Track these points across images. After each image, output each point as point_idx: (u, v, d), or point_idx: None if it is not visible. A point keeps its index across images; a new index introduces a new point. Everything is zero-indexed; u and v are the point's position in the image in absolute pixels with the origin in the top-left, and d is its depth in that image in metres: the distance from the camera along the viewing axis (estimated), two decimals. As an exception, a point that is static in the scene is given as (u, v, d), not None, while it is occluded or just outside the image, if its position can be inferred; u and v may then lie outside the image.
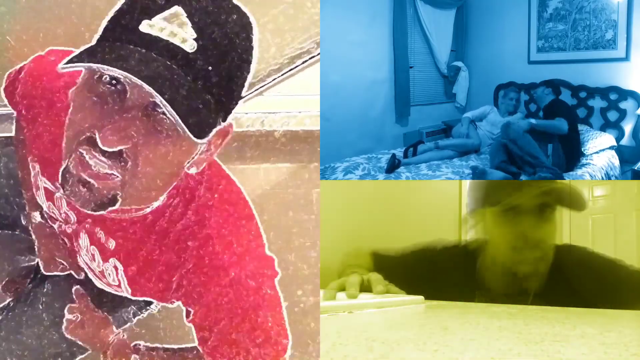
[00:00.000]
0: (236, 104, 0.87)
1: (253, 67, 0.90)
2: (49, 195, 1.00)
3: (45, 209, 1.04)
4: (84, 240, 1.01)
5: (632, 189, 3.12)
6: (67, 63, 0.80)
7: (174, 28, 0.79)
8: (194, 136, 0.80)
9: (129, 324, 1.20)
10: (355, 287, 1.17)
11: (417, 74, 3.35)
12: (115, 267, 1.00)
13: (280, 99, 1.60)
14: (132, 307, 1.16)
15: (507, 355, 0.61)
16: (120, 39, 0.80)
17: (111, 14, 0.83)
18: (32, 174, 1.01)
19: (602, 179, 2.51)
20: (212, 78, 0.81)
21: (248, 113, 1.67)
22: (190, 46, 0.80)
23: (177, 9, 0.80)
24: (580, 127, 2.76)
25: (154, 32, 0.79)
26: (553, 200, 1.21)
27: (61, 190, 0.87)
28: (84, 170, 0.83)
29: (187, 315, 0.99)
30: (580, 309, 1.04)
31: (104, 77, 0.80)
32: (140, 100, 0.80)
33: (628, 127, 2.85)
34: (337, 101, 2.77)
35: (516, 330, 0.81)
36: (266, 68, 1.61)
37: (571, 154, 2.44)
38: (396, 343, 0.68)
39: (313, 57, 1.49)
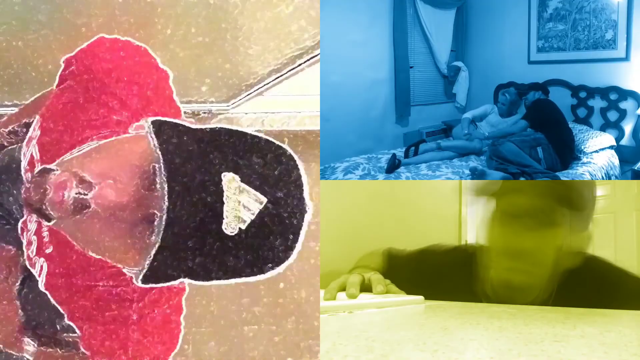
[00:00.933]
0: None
1: (226, 57, 0.87)
2: (32, 166, 0.98)
3: (22, 172, 1.02)
4: (32, 225, 0.99)
5: (632, 189, 3.12)
6: (156, 123, 0.76)
7: (251, 206, 0.74)
8: (142, 280, 0.75)
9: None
10: (355, 287, 1.17)
11: (417, 74, 3.35)
12: (42, 267, 0.98)
13: (280, 99, 1.61)
14: None
15: (507, 355, 0.61)
16: (209, 149, 0.75)
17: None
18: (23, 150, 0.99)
19: (602, 178, 2.51)
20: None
21: (248, 113, 1.67)
22: (232, 229, 0.73)
23: (264, 200, 0.74)
24: (580, 127, 2.76)
25: (225, 187, 0.73)
26: (551, 203, 1.11)
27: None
28: (53, 191, 0.79)
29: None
30: (580, 309, 1.04)
31: (153, 165, 0.76)
32: (151, 207, 0.75)
33: (628, 127, 2.85)
34: (337, 101, 2.77)
35: (516, 330, 0.81)
36: (266, 68, 1.61)
37: (563, 152, 2.44)
38: (396, 343, 0.68)
39: (313, 57, 1.49)
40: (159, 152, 0.74)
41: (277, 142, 0.78)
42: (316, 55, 1.46)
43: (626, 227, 3.07)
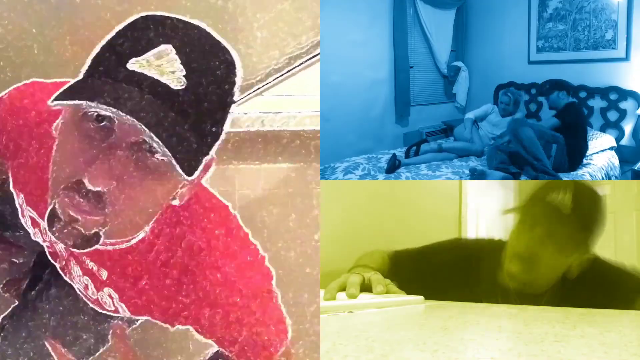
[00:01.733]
0: (218, 138, 0.86)
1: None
2: (35, 224, 1.00)
3: (32, 235, 1.03)
4: (75, 270, 1.01)
5: (632, 189, 3.12)
6: (55, 99, 0.79)
7: (163, 66, 0.79)
8: (185, 173, 0.80)
9: (131, 325, 1.20)
10: (355, 287, 1.17)
11: (417, 74, 3.35)
12: (110, 296, 1.00)
13: (280, 99, 1.60)
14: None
15: (507, 355, 0.61)
16: (107, 75, 0.79)
17: (97, 49, 0.82)
18: (17, 202, 1.00)
19: (602, 179, 2.51)
20: (197, 115, 0.81)
21: (248, 113, 1.67)
22: (179, 84, 0.79)
23: (165, 46, 0.80)
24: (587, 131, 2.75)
25: (142, 70, 0.78)
26: (572, 232, 1.25)
27: (49, 233, 0.86)
28: (70, 209, 0.81)
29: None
30: (580, 309, 1.04)
31: (90, 113, 0.79)
32: (127, 137, 0.79)
33: (628, 127, 2.85)
34: (337, 101, 2.77)
35: (516, 330, 0.81)
36: (266, 68, 1.61)
37: (574, 157, 2.43)
38: (396, 343, 0.68)
39: (313, 57, 1.49)
40: (91, 103, 0.77)
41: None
42: (316, 55, 1.46)
43: (626, 227, 3.07)
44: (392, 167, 2.44)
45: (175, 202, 0.89)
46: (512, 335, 0.75)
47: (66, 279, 1.07)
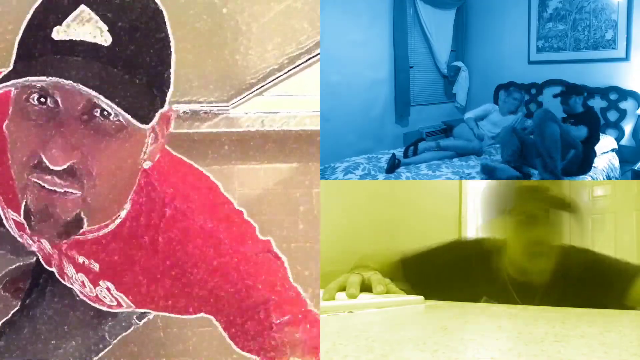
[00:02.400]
0: (168, 86, 0.85)
1: (226, 57, 0.88)
2: (20, 227, 0.98)
3: (18, 239, 1.02)
4: (69, 269, 0.99)
5: (632, 189, 3.11)
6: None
7: (85, 26, 0.78)
8: (140, 122, 0.78)
9: (133, 326, 1.19)
10: (355, 287, 1.17)
11: (417, 74, 3.35)
12: (108, 289, 0.98)
13: (280, 99, 1.60)
14: (136, 310, 1.15)
15: (507, 355, 0.61)
16: (37, 53, 0.78)
17: (20, 34, 0.81)
18: None
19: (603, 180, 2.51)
20: (135, 66, 0.79)
21: (248, 113, 1.67)
22: (104, 39, 0.78)
23: (82, 7, 0.78)
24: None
25: (67, 36, 0.77)
26: (551, 205, 1.35)
27: (28, 230, 0.84)
28: (42, 199, 0.79)
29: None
30: (580, 309, 1.04)
31: (32, 96, 0.78)
32: (74, 106, 0.77)
33: (628, 127, 2.85)
34: (337, 101, 2.77)
35: (516, 330, 0.81)
36: (266, 68, 1.61)
37: (583, 166, 2.40)
38: (396, 343, 0.68)
39: (313, 57, 1.49)
40: (27, 79, 0.75)
41: None
42: (316, 55, 1.46)
43: (626, 227, 3.07)
44: (392, 167, 2.44)
45: (148, 164, 0.87)
46: (512, 335, 0.75)
47: (65, 283, 1.05)
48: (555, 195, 1.38)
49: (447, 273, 1.37)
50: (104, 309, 1.05)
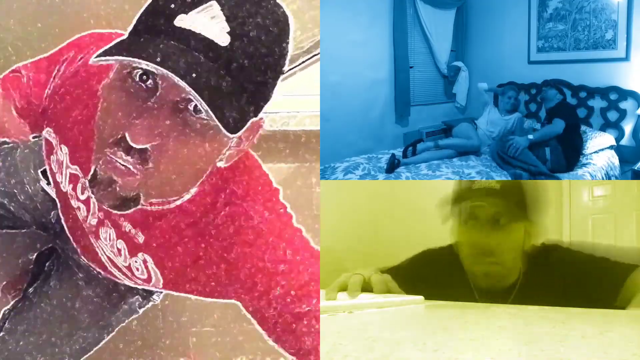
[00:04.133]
0: (269, 98, 0.85)
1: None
2: (74, 179, 0.99)
3: (66, 189, 1.02)
4: (108, 234, 1.00)
5: (632, 189, 3.12)
6: (98, 56, 0.78)
7: (209, 22, 0.78)
8: (228, 131, 0.79)
9: (134, 314, 1.20)
10: (356, 288, 1.18)
11: (417, 74, 3.35)
12: (145, 261, 0.99)
13: (280, 99, 1.60)
14: (138, 297, 1.16)
15: (507, 355, 0.61)
16: (154, 32, 0.79)
17: (145, 5, 0.82)
18: (55, 158, 1.00)
19: (602, 178, 2.51)
20: (245, 72, 0.80)
21: (248, 113, 1.67)
22: (223, 40, 0.78)
23: (212, 2, 0.79)
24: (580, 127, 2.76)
25: (188, 26, 0.78)
26: (506, 206, 1.28)
27: (90, 192, 0.87)
28: (112, 171, 0.82)
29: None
30: (580, 309, 1.04)
31: (135, 72, 0.79)
32: (172, 96, 0.79)
33: (628, 127, 2.84)
34: (337, 101, 2.77)
35: (516, 330, 0.81)
36: (266, 68, 1.61)
37: (571, 154, 2.45)
38: (396, 343, 0.68)
39: (313, 57, 1.49)
40: (135, 59, 0.77)
41: None
42: (316, 55, 1.46)
43: (626, 227, 3.07)
44: (392, 167, 2.44)
45: (221, 164, 0.88)
46: (512, 335, 0.75)
47: (82, 260, 1.05)
48: (510, 198, 1.30)
49: (420, 283, 1.35)
50: (127, 282, 1.06)
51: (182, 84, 0.76)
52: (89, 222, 1.01)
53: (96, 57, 0.78)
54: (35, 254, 1.18)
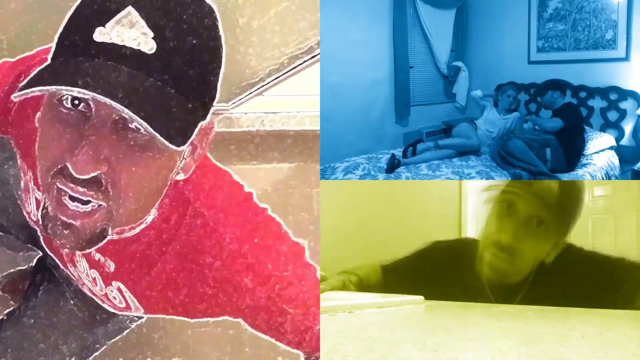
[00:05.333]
0: (213, 99, 0.80)
1: (225, 57, 0.83)
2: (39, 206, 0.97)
3: (35, 219, 0.98)
4: (82, 264, 0.97)
5: (632, 189, 3.12)
6: (20, 89, 0.73)
7: (129, 30, 0.73)
8: (174, 144, 0.73)
9: (126, 330, 1.17)
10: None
11: (417, 74, 3.35)
12: (120, 290, 0.96)
13: (280, 99, 1.60)
14: (128, 314, 1.12)
15: (507, 355, 0.61)
16: (75, 52, 0.73)
17: (61, 28, 0.77)
18: (24, 179, 0.96)
19: (602, 179, 2.51)
20: (182, 77, 0.75)
21: (248, 113, 1.67)
22: (149, 47, 0.73)
23: (129, 9, 0.73)
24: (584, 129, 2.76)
25: (110, 39, 0.73)
26: (544, 213, 1.25)
27: (43, 232, 0.82)
28: (63, 213, 0.76)
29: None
30: (580, 309, 1.04)
31: (64, 97, 0.73)
32: (107, 117, 0.73)
33: (628, 127, 2.84)
34: (337, 101, 2.76)
35: (516, 330, 0.81)
36: (266, 68, 1.61)
37: (571, 155, 2.45)
38: (396, 343, 0.68)
39: (313, 57, 1.49)
40: (59, 87, 0.72)
41: None
42: (316, 55, 1.46)
43: (626, 227, 3.07)
44: (392, 167, 2.44)
45: (181, 176, 0.84)
46: (512, 335, 0.75)
47: (71, 272, 1.02)
48: (544, 197, 1.27)
49: (426, 277, 1.35)
50: (111, 309, 1.03)
51: (114, 103, 0.70)
52: (63, 252, 0.98)
53: (19, 91, 0.73)
54: (37, 258, 1.16)
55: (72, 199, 0.76)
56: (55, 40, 0.77)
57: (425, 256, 1.46)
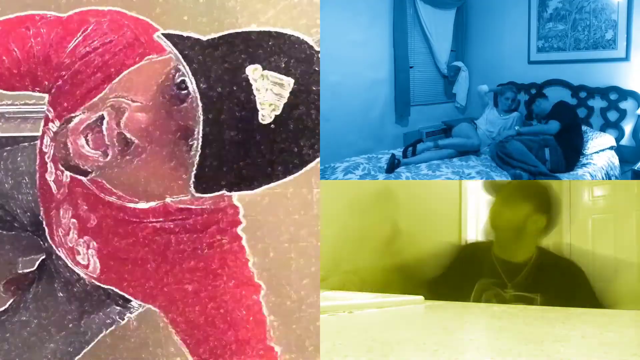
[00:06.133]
0: (253, 189, 0.83)
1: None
2: (55, 159, 0.97)
3: (47, 154, 1.00)
4: (67, 212, 0.98)
5: (632, 189, 3.12)
6: (168, 36, 0.75)
7: (274, 96, 0.76)
8: (195, 188, 0.77)
9: (115, 324, 1.18)
10: None
11: (417, 74, 3.35)
12: (88, 245, 0.97)
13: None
14: (115, 307, 1.13)
15: (507, 355, 0.61)
16: (224, 59, 0.75)
17: (241, 29, 0.79)
18: (45, 118, 0.98)
19: (603, 178, 2.51)
20: (250, 152, 0.77)
21: (248, 113, 1.67)
22: (267, 118, 0.76)
23: (291, 81, 0.78)
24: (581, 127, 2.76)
25: (255, 83, 0.75)
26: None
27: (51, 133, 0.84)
28: (75, 138, 0.79)
29: (168, 319, 0.96)
30: (580, 309, 1.04)
31: (178, 75, 0.76)
32: (186, 120, 0.75)
33: (628, 127, 2.85)
34: (337, 101, 2.77)
35: (516, 330, 0.81)
36: (266, 68, 1.61)
37: (571, 155, 2.45)
38: (396, 343, 0.68)
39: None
40: (184, 63, 0.73)
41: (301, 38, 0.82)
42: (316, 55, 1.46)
43: (626, 227, 3.07)
44: (392, 167, 2.44)
45: (171, 200, 0.87)
46: (512, 335, 0.75)
47: (62, 265, 1.03)
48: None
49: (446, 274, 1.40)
50: (75, 268, 1.03)
51: (198, 117, 0.73)
52: (57, 196, 0.99)
53: (163, 34, 0.76)
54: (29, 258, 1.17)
55: (90, 136, 0.78)
56: (225, 32, 0.79)
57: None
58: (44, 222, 1.06)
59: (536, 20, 3.16)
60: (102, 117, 0.78)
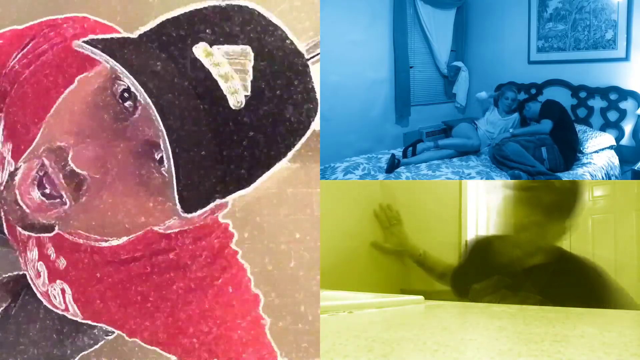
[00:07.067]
0: (244, 186, 0.70)
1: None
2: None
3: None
4: (33, 253, 0.90)
5: (632, 189, 3.12)
6: (91, 42, 0.63)
7: (232, 70, 0.63)
8: (182, 209, 0.64)
9: (94, 347, 1.12)
10: None
11: (417, 74, 3.35)
12: (63, 291, 0.88)
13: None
14: (96, 330, 1.06)
15: (507, 355, 0.61)
16: (164, 49, 0.63)
17: (167, 16, 0.66)
18: (2, 150, 0.87)
19: (602, 178, 2.51)
20: (239, 145, 0.65)
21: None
22: (236, 101, 0.64)
23: (247, 48, 0.64)
24: (580, 127, 2.76)
25: (206, 62, 0.63)
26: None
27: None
28: (24, 195, 0.68)
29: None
30: (580, 309, 1.04)
31: (117, 85, 0.64)
32: (142, 133, 0.64)
33: (628, 127, 2.85)
34: (337, 101, 2.77)
35: (516, 330, 0.81)
36: (266, 68, 1.61)
37: (568, 153, 2.45)
38: (396, 343, 0.68)
39: (313, 57, 1.49)
40: (122, 68, 0.61)
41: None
42: (316, 55, 1.46)
43: (626, 227, 3.07)
44: (392, 167, 2.44)
45: (158, 229, 0.75)
46: (512, 335, 0.75)
47: (21, 259, 0.95)
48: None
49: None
50: (52, 308, 0.95)
51: (159, 127, 0.59)
52: (20, 234, 0.90)
53: (84, 42, 0.62)
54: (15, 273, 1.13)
55: (41, 186, 0.68)
56: (154, 23, 0.67)
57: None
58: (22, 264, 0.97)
59: (536, 20, 3.16)
60: (43, 164, 0.67)
